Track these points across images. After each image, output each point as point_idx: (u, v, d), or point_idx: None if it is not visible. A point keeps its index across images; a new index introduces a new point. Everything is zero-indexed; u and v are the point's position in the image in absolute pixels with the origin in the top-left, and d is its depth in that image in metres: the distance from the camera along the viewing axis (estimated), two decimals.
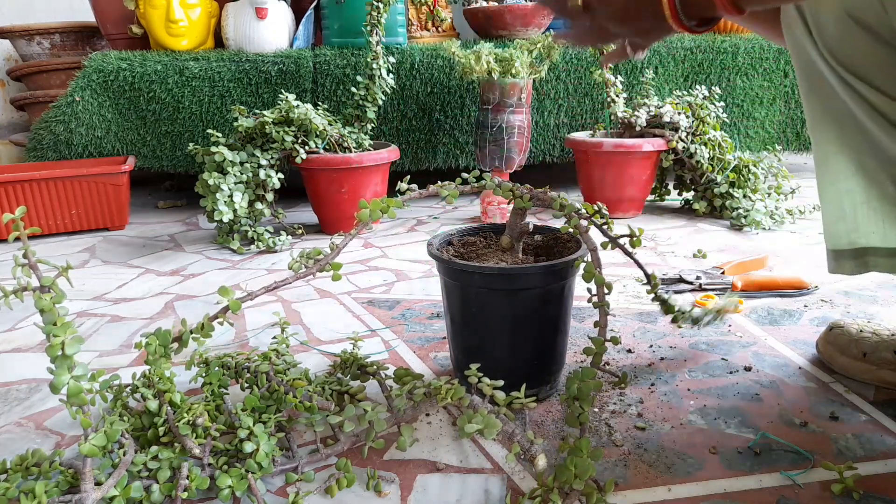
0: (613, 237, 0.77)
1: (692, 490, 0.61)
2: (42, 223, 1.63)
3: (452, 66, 1.83)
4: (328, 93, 1.82)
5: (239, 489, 0.60)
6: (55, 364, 0.55)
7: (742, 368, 0.84)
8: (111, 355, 0.95)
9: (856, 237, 0.70)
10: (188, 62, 1.75)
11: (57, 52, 2.10)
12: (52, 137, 1.76)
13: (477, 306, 0.75)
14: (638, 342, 0.93)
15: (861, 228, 0.69)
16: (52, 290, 0.55)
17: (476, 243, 0.84)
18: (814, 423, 0.71)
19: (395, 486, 0.63)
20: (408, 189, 0.82)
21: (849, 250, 0.70)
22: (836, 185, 0.69)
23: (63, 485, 0.59)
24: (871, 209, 0.68)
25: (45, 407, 0.80)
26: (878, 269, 0.70)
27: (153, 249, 1.53)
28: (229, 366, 0.76)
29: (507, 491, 0.61)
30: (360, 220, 0.76)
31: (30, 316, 1.12)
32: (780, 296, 1.09)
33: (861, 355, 0.79)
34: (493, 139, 1.67)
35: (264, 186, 1.50)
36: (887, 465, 0.63)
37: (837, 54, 0.58)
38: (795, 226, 1.56)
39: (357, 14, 1.74)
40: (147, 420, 0.68)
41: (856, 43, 0.56)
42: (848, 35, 0.56)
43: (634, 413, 0.74)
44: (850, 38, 0.56)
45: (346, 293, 1.18)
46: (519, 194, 0.79)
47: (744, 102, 2.02)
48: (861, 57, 0.56)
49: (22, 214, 0.55)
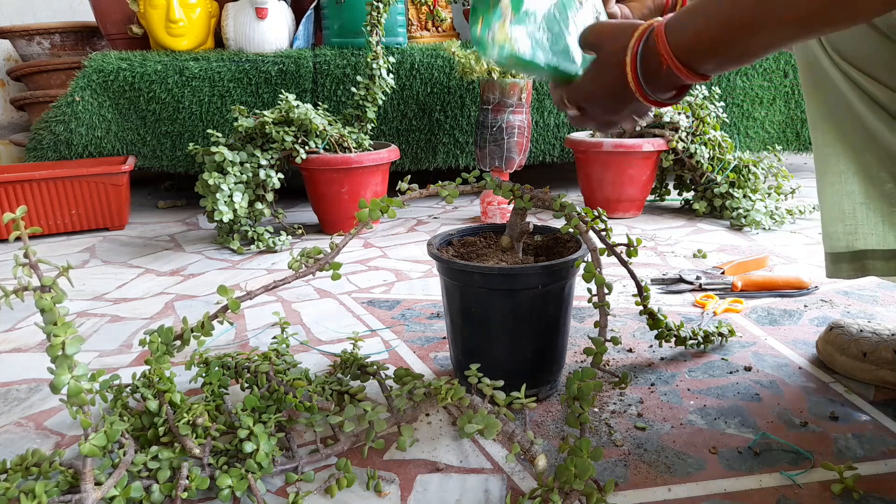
0: (611, 245, 0.77)
1: (692, 490, 0.61)
2: (42, 223, 1.63)
3: (452, 66, 1.83)
4: (328, 93, 1.82)
5: (239, 489, 0.60)
6: (55, 364, 0.55)
7: (742, 368, 0.84)
8: (111, 355, 0.95)
9: (854, 240, 0.70)
10: (188, 62, 1.75)
11: (57, 52, 2.10)
12: (52, 137, 1.76)
13: (477, 306, 0.75)
14: (638, 342, 0.93)
15: (859, 230, 0.69)
16: (53, 290, 0.55)
17: (476, 243, 0.84)
18: (814, 423, 0.71)
19: (395, 486, 0.63)
20: (408, 189, 0.82)
21: (846, 253, 0.70)
22: (836, 187, 0.69)
23: (63, 485, 0.59)
24: (870, 210, 0.68)
25: (45, 407, 0.80)
26: (875, 272, 0.70)
27: (153, 249, 1.53)
28: (229, 366, 0.76)
29: (507, 491, 0.61)
30: (359, 220, 0.76)
31: (30, 316, 1.12)
32: (780, 296, 1.09)
33: (861, 355, 0.79)
34: (493, 139, 1.67)
35: (264, 186, 1.50)
36: (887, 465, 0.63)
37: (839, 48, 0.59)
38: (795, 226, 1.56)
39: (357, 14, 1.74)
40: (147, 420, 0.68)
41: (858, 36, 0.56)
42: (852, 30, 0.56)
43: (634, 413, 0.74)
44: (852, 32, 0.56)
45: (346, 293, 1.18)
46: (519, 194, 0.79)
47: (744, 102, 2.02)
48: (862, 50, 0.57)
49: (22, 214, 0.55)
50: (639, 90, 0.57)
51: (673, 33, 0.53)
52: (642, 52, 0.55)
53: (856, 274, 0.71)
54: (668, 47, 0.53)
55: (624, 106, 0.60)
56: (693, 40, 0.52)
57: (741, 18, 0.48)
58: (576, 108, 0.64)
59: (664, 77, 0.55)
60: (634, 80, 0.56)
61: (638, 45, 0.55)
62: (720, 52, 0.51)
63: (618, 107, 0.61)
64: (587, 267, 0.71)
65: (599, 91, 0.61)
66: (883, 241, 0.68)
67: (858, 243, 0.70)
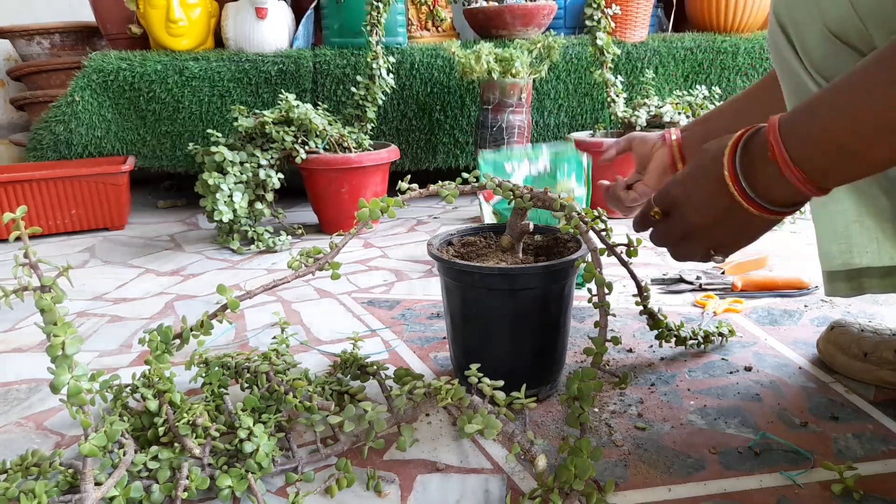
0: (612, 245, 0.77)
1: (692, 490, 0.61)
2: (42, 223, 1.63)
3: (452, 66, 1.83)
4: (328, 93, 1.82)
5: (239, 489, 0.60)
6: (55, 364, 0.55)
7: (742, 368, 0.84)
8: (111, 355, 0.95)
9: (849, 258, 0.69)
10: (188, 62, 1.75)
11: (57, 52, 2.10)
12: (52, 137, 1.76)
13: (477, 306, 0.75)
14: (638, 342, 0.93)
15: (854, 248, 0.68)
16: (53, 290, 0.55)
17: (476, 243, 0.84)
18: (814, 423, 0.71)
19: (395, 487, 0.63)
20: (408, 189, 0.82)
21: (842, 272, 0.70)
22: (828, 207, 0.68)
23: (63, 485, 0.59)
24: (863, 227, 0.68)
25: (45, 407, 0.80)
26: (872, 289, 0.69)
27: (153, 249, 1.53)
28: (229, 366, 0.76)
29: (507, 491, 0.61)
30: (359, 220, 0.76)
31: (30, 316, 1.12)
32: (780, 296, 1.09)
33: (862, 355, 0.79)
34: (493, 139, 1.67)
35: (264, 186, 1.50)
36: (887, 465, 0.63)
37: (824, 72, 0.58)
38: (795, 226, 1.56)
39: (357, 14, 1.74)
40: (147, 420, 0.68)
41: (842, 60, 0.55)
42: (833, 54, 0.56)
43: (634, 413, 0.74)
44: (837, 57, 0.56)
45: (346, 293, 1.18)
46: (519, 194, 0.79)
47: None
48: (845, 69, 0.56)
49: (23, 214, 0.55)
50: (740, 192, 0.52)
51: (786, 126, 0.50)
52: (745, 142, 0.52)
53: (853, 292, 0.70)
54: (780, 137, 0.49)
55: (717, 206, 0.54)
56: (807, 136, 0.48)
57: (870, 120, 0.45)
58: (661, 210, 0.59)
59: (779, 184, 0.50)
60: (731, 168, 0.52)
61: (740, 140, 0.53)
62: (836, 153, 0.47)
63: (711, 206, 0.54)
64: (587, 267, 0.71)
65: (692, 183, 0.56)
66: (878, 259, 0.68)
67: (854, 261, 0.69)
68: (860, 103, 0.46)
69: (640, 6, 1.91)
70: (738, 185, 0.52)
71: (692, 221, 0.57)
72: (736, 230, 0.55)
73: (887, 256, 0.67)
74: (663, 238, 0.61)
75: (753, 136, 0.52)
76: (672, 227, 0.59)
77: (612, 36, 1.82)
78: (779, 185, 0.50)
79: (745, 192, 0.52)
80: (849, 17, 0.52)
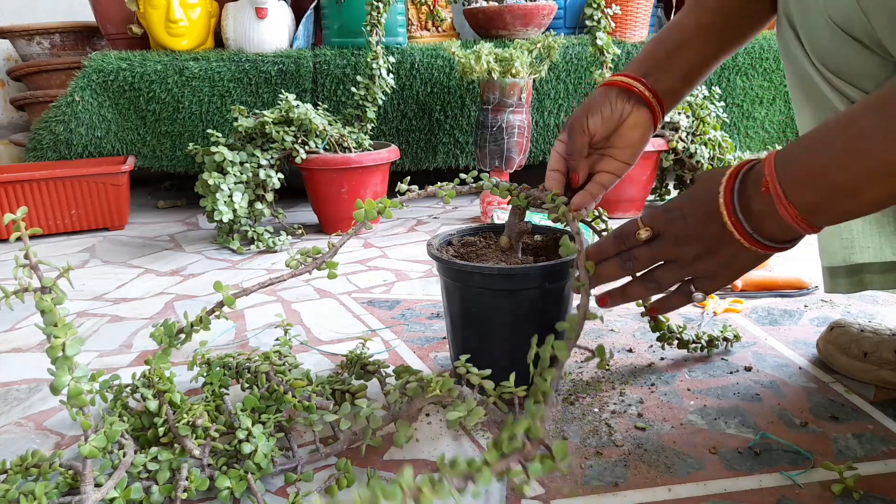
0: None
1: (692, 490, 0.61)
2: (42, 223, 1.63)
3: (452, 66, 1.83)
4: (328, 93, 1.82)
5: (238, 490, 0.60)
6: (56, 365, 0.55)
7: (742, 368, 0.84)
8: (111, 355, 0.95)
9: (850, 254, 0.69)
10: (188, 62, 1.75)
11: (57, 52, 2.10)
12: (52, 137, 1.76)
13: (477, 306, 0.75)
14: (638, 342, 0.93)
15: (855, 244, 0.68)
16: (53, 291, 0.55)
17: (476, 243, 0.84)
18: (814, 423, 0.71)
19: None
20: (407, 189, 0.82)
21: (843, 267, 0.70)
22: None
23: (63, 486, 0.59)
24: (865, 223, 0.68)
25: (45, 407, 0.80)
26: (872, 286, 0.69)
27: (153, 249, 1.53)
28: (230, 366, 0.76)
29: (508, 491, 0.61)
30: (356, 220, 0.76)
31: (30, 316, 1.12)
32: (780, 296, 1.09)
33: (862, 355, 0.79)
34: (493, 139, 1.67)
35: (264, 186, 1.50)
36: (887, 465, 0.63)
37: (829, 63, 0.58)
38: None
39: (357, 14, 1.74)
40: (147, 420, 0.68)
41: (846, 52, 0.56)
42: (837, 45, 0.56)
43: (634, 413, 0.74)
44: (841, 49, 0.56)
45: (346, 293, 1.18)
46: (516, 193, 0.79)
47: (744, 102, 2.02)
48: (851, 64, 0.56)
49: (23, 215, 0.55)
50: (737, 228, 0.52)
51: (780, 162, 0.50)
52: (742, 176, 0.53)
53: (854, 288, 0.70)
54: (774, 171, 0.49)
55: (707, 236, 0.54)
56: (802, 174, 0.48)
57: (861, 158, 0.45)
58: (651, 232, 0.58)
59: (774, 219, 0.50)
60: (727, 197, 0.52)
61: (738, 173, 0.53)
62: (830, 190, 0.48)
63: (701, 234, 0.54)
64: (562, 241, 0.66)
65: (688, 208, 0.56)
66: (879, 254, 0.68)
67: (855, 257, 0.69)
68: (855, 145, 0.46)
69: (640, 6, 1.91)
70: (733, 216, 0.52)
71: (681, 247, 0.56)
72: (723, 262, 0.55)
73: (888, 252, 0.68)
74: (643, 261, 0.59)
75: (752, 168, 0.53)
76: (658, 251, 0.58)
77: (612, 36, 1.82)
78: (772, 219, 0.51)
79: (740, 224, 0.52)
80: (852, 7, 0.52)
